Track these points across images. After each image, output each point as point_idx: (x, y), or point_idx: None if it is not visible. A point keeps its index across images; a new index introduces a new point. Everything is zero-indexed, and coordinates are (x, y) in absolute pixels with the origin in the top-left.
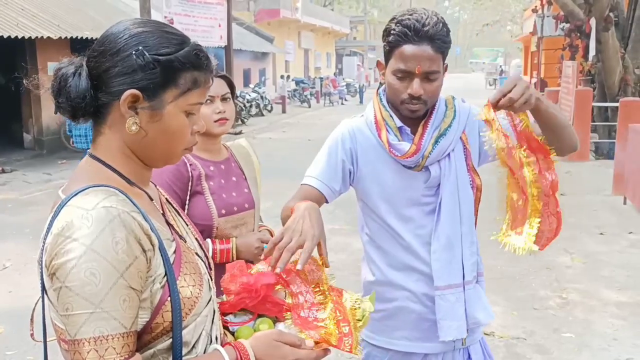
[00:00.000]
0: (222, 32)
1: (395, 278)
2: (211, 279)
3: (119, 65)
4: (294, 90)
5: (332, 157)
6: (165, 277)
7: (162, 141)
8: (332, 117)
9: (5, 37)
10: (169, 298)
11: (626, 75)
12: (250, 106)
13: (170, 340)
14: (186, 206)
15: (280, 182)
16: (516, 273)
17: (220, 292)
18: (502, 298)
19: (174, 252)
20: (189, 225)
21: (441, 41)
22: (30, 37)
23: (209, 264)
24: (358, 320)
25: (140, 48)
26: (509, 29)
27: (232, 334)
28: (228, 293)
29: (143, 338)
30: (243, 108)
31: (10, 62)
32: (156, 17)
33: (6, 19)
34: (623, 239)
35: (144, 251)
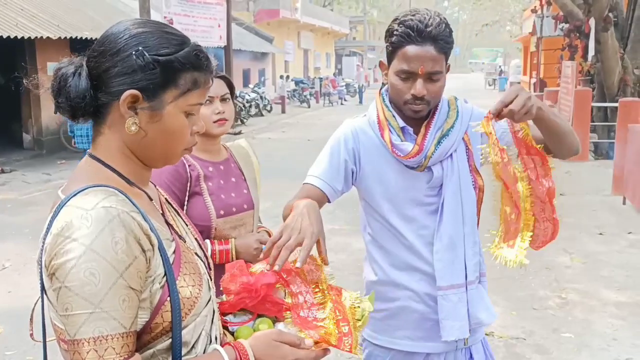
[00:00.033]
0: (222, 32)
1: (397, 278)
2: (211, 279)
3: (119, 65)
4: (294, 90)
5: (335, 157)
6: (164, 277)
7: (162, 141)
8: (332, 117)
9: (4, 37)
10: (169, 298)
11: (625, 75)
12: (249, 106)
13: (169, 340)
14: (185, 207)
15: (279, 183)
16: (515, 273)
17: (219, 292)
18: (502, 298)
19: (174, 252)
20: (189, 225)
21: (444, 42)
22: (29, 37)
23: (209, 264)
24: (357, 319)
25: (140, 48)
26: (509, 29)
27: (232, 334)
28: (228, 293)
29: (142, 338)
30: (242, 108)
31: (9, 62)
32: (155, 17)
33: (5, 19)
34: (622, 239)
35: (144, 251)
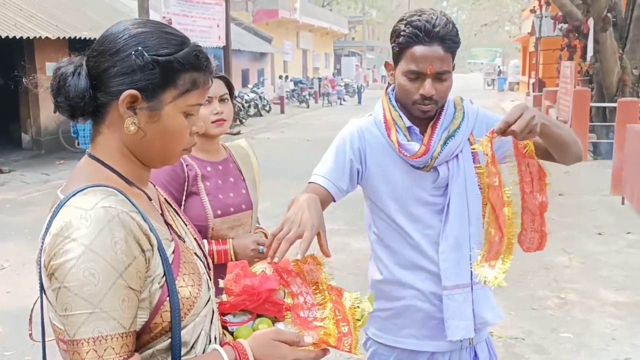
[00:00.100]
0: (221, 33)
1: (403, 277)
2: (210, 279)
3: (118, 65)
4: (293, 90)
5: (340, 157)
6: (164, 277)
7: (161, 142)
8: (331, 118)
9: (3, 38)
10: (168, 298)
11: (624, 75)
12: (248, 106)
13: (169, 340)
14: (182, 206)
15: (278, 183)
16: (515, 273)
17: (219, 292)
18: (501, 298)
19: (173, 252)
20: (188, 225)
21: (452, 41)
22: (28, 38)
23: (208, 264)
24: (357, 319)
25: (139, 48)
26: (507, 30)
27: (231, 334)
28: (230, 293)
29: (142, 338)
30: (241, 108)
31: (8, 63)
32: (154, 18)
33: (4, 19)
34: (621, 239)
35: (143, 251)
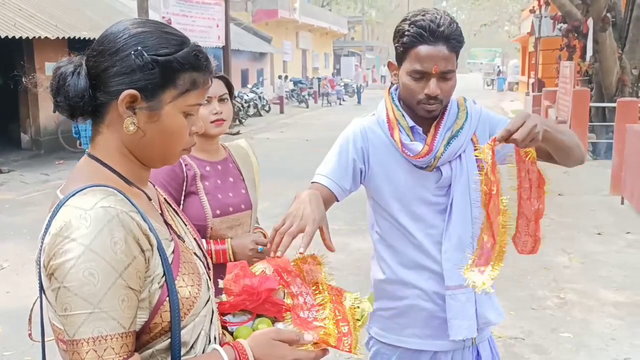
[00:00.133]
0: (220, 33)
1: (406, 276)
2: (209, 279)
3: (118, 65)
4: (292, 90)
5: (343, 156)
6: (163, 277)
7: (160, 142)
8: (330, 118)
9: (2, 38)
10: (168, 298)
11: (623, 75)
12: (248, 106)
13: (168, 340)
14: (181, 206)
15: (278, 183)
16: (514, 273)
17: (218, 292)
18: (500, 298)
19: (173, 252)
20: (188, 225)
21: (456, 40)
22: (27, 37)
23: (208, 264)
24: (357, 319)
25: (139, 48)
26: (507, 30)
27: (231, 334)
28: (229, 293)
29: (142, 338)
30: (241, 108)
31: (7, 63)
32: (154, 18)
33: (4, 19)
34: (621, 239)
35: (143, 251)
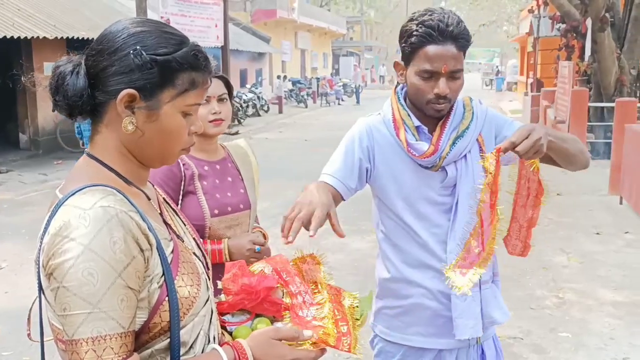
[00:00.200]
0: (219, 33)
1: (410, 275)
2: (209, 279)
3: (117, 64)
4: (291, 90)
5: (349, 156)
6: (163, 277)
7: (159, 141)
8: (329, 118)
9: (0, 37)
10: (167, 298)
11: (622, 75)
12: (246, 106)
13: (168, 340)
14: (179, 206)
15: (277, 183)
16: (513, 273)
17: (217, 293)
18: None
19: (172, 252)
20: (187, 224)
21: (464, 39)
22: (26, 37)
23: (207, 264)
24: (356, 319)
25: (138, 47)
26: (505, 30)
27: (230, 334)
28: (228, 293)
29: (141, 338)
30: (240, 108)
31: (6, 62)
32: (152, 17)
33: (2, 19)
34: (619, 239)
35: (142, 251)
